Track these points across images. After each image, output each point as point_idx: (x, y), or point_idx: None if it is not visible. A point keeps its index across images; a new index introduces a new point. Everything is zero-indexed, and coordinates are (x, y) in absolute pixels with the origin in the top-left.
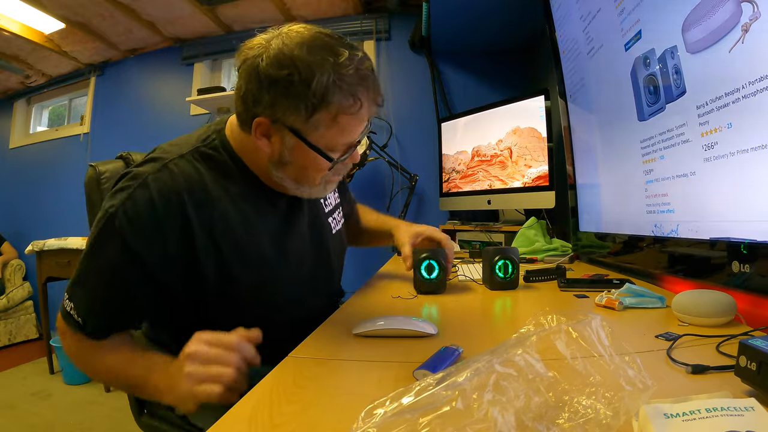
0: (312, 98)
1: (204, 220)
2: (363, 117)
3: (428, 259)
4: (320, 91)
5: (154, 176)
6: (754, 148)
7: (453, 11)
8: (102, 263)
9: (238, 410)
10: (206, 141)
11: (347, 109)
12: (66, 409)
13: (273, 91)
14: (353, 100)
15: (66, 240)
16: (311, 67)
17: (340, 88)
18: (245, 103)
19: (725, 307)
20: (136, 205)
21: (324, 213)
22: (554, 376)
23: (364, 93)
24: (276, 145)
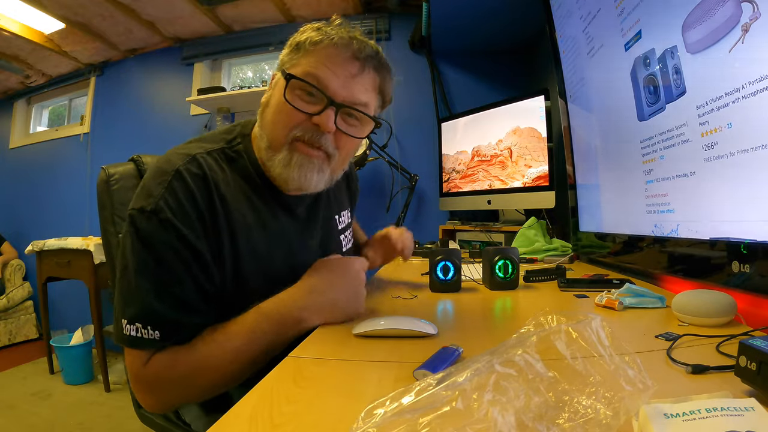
0: (297, 40)
1: (228, 215)
2: (337, 56)
3: (444, 261)
4: (306, 35)
5: (185, 167)
6: (754, 148)
7: (453, 11)
8: (161, 256)
9: (238, 410)
10: (231, 143)
11: (316, 43)
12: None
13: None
14: (322, 36)
15: (66, 240)
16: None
17: (317, 30)
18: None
19: (725, 307)
20: (177, 196)
21: (337, 230)
22: (554, 376)
23: (335, 33)
24: (269, 91)
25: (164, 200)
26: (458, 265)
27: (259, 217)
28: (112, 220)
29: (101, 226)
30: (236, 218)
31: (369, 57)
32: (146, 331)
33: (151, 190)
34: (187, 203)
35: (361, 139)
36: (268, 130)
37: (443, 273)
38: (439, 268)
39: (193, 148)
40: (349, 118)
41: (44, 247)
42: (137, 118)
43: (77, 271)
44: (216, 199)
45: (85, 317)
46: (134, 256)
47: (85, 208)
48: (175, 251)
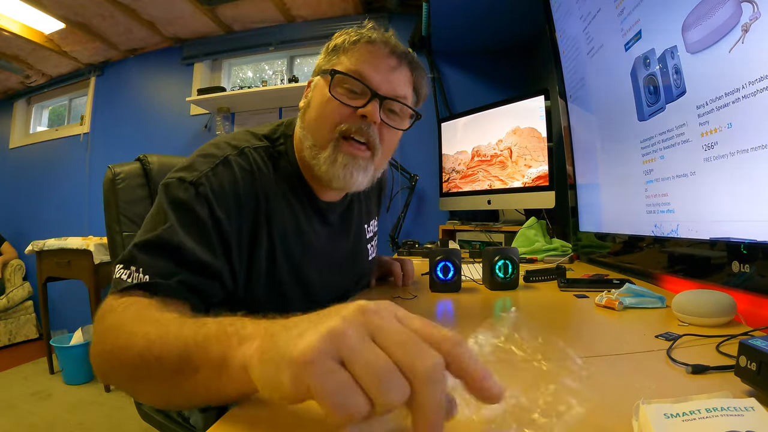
0: (335, 44)
1: (268, 210)
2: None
3: (444, 261)
4: (342, 38)
5: (235, 158)
6: (754, 148)
7: (453, 11)
8: (187, 220)
9: (238, 410)
10: (275, 143)
11: (354, 42)
12: (66, 409)
13: (320, 56)
14: (359, 36)
15: (66, 240)
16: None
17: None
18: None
19: (725, 307)
20: (221, 179)
21: (366, 239)
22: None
23: (371, 33)
24: (308, 95)
25: (207, 177)
26: (458, 265)
27: (296, 219)
28: (117, 218)
29: (106, 224)
30: (276, 216)
31: (404, 53)
32: (137, 275)
33: (195, 165)
34: (229, 189)
35: (403, 131)
36: (313, 128)
37: (443, 273)
38: (439, 268)
39: (242, 142)
40: (391, 113)
41: (44, 247)
42: (137, 118)
43: (77, 271)
44: (260, 195)
45: (85, 317)
46: (165, 209)
47: (85, 208)
48: (204, 222)
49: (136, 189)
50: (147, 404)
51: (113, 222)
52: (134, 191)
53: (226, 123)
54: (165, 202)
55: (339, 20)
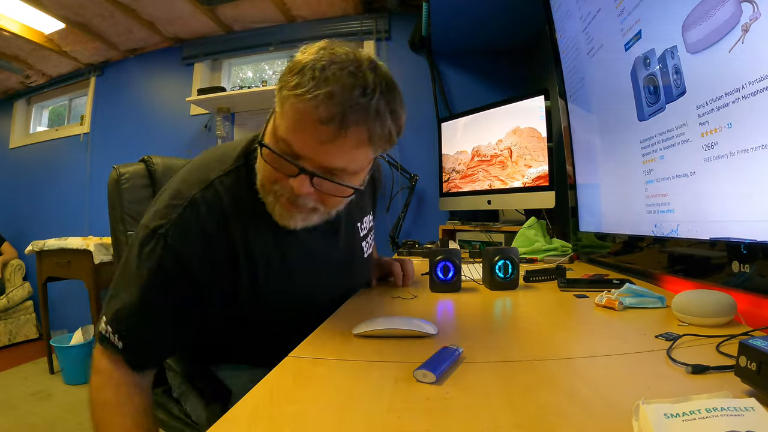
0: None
1: (246, 242)
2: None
3: (444, 261)
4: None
5: (202, 195)
6: (754, 148)
7: (453, 11)
8: (154, 278)
9: (238, 410)
10: (250, 156)
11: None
12: (66, 409)
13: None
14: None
15: (66, 240)
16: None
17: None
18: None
19: (725, 307)
20: (188, 224)
21: (359, 237)
22: None
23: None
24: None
25: (175, 226)
26: (458, 265)
27: (277, 239)
28: (122, 218)
29: (111, 223)
30: (254, 242)
31: (346, 115)
32: (116, 337)
33: (165, 212)
34: (197, 234)
35: (345, 197)
36: (259, 169)
37: (443, 273)
38: (439, 268)
39: (213, 168)
40: (325, 182)
41: (44, 247)
42: (137, 118)
43: (77, 271)
44: (232, 228)
45: (85, 317)
46: (134, 266)
47: (85, 208)
48: (170, 277)
49: (140, 189)
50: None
51: (117, 222)
52: (139, 191)
53: (226, 123)
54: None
55: (339, 20)
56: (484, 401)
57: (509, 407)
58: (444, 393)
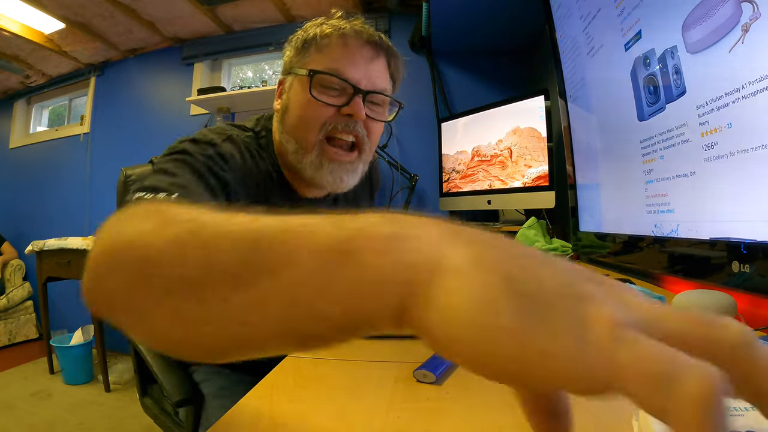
0: (304, 38)
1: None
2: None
3: None
4: (312, 31)
5: (224, 144)
6: (754, 148)
7: (453, 11)
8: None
9: (238, 410)
10: (258, 135)
11: (326, 37)
12: (66, 409)
13: (287, 51)
14: (332, 29)
15: (66, 240)
16: (309, 22)
17: (322, 25)
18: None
19: (725, 307)
20: (213, 156)
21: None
22: None
23: (342, 24)
24: (282, 97)
25: (219, 143)
26: None
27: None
28: None
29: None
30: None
31: (379, 42)
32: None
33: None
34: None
35: (386, 122)
36: (296, 132)
37: None
38: None
39: (227, 129)
40: (374, 105)
41: (44, 247)
42: (137, 118)
43: (77, 271)
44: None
45: (85, 317)
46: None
47: (85, 208)
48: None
49: None
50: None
51: None
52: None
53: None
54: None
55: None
56: (484, 401)
57: (509, 407)
58: (444, 393)
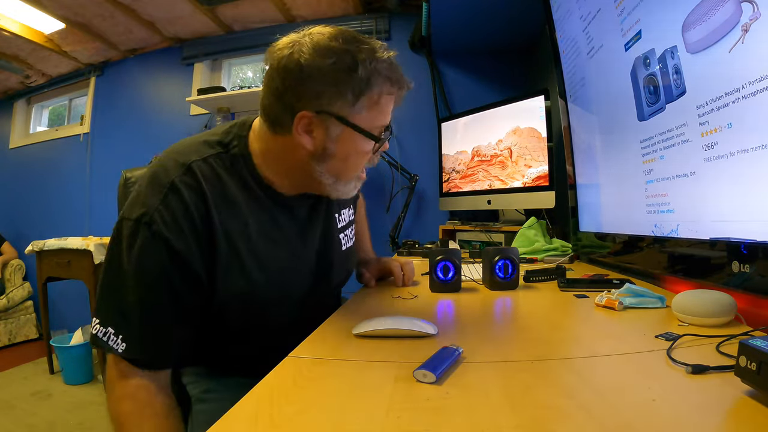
0: (357, 83)
1: (225, 224)
2: (396, 100)
3: (444, 261)
4: (365, 75)
5: (180, 179)
6: (754, 148)
7: (453, 11)
8: (147, 271)
9: (238, 410)
10: (228, 146)
11: (386, 92)
12: (66, 409)
13: (318, 81)
14: (390, 84)
15: (66, 240)
16: (352, 54)
17: (379, 72)
18: (284, 102)
19: (725, 307)
20: (173, 210)
21: (336, 228)
22: None
23: (397, 77)
24: (319, 138)
25: (159, 213)
26: (458, 265)
27: (258, 222)
28: None
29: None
30: (233, 227)
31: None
32: (116, 339)
33: (146, 200)
34: (182, 218)
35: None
36: (341, 174)
37: (443, 273)
38: (439, 268)
39: (190, 153)
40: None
41: (44, 247)
42: (137, 118)
43: (77, 271)
44: (213, 211)
45: (85, 317)
46: (120, 264)
47: (85, 208)
48: (163, 268)
49: None
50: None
51: None
52: None
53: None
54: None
55: (339, 20)
56: (484, 401)
57: (509, 407)
58: (444, 393)
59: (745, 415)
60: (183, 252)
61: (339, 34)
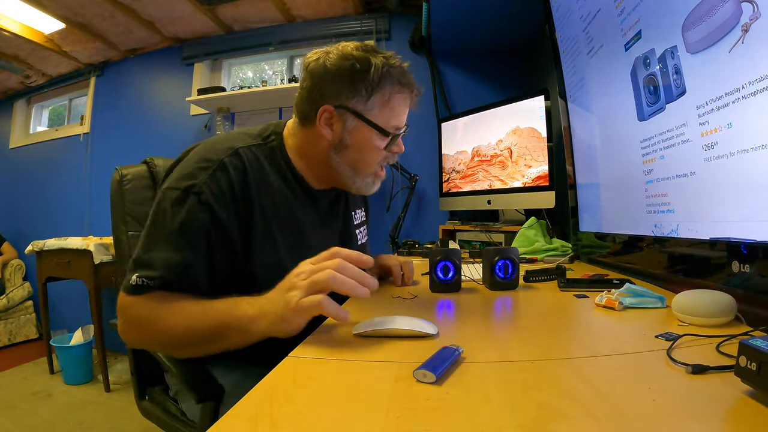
0: (370, 82)
1: (263, 203)
2: (407, 102)
3: (443, 261)
4: (376, 76)
5: (229, 159)
6: (754, 148)
7: (453, 11)
8: (189, 225)
9: (238, 410)
10: (267, 139)
11: (397, 92)
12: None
13: (338, 80)
14: (400, 86)
15: (66, 240)
16: (368, 58)
17: (390, 75)
18: (312, 98)
19: (725, 307)
20: (219, 184)
21: (353, 225)
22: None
23: (407, 81)
24: (338, 130)
25: (207, 185)
26: (458, 265)
27: (290, 206)
28: (124, 219)
29: (113, 224)
30: (270, 203)
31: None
32: (150, 275)
33: (195, 173)
34: (227, 191)
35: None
36: (357, 166)
37: (443, 273)
38: (439, 268)
39: (236, 141)
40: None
41: (44, 247)
42: (137, 118)
43: (77, 271)
44: (253, 191)
45: (85, 317)
46: (164, 224)
47: (85, 208)
48: (205, 230)
49: (142, 190)
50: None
51: (119, 221)
52: (141, 192)
53: (226, 123)
54: (171, 209)
55: (339, 20)
56: (484, 401)
57: (509, 407)
58: (444, 393)
59: (745, 415)
60: (225, 219)
61: (362, 46)
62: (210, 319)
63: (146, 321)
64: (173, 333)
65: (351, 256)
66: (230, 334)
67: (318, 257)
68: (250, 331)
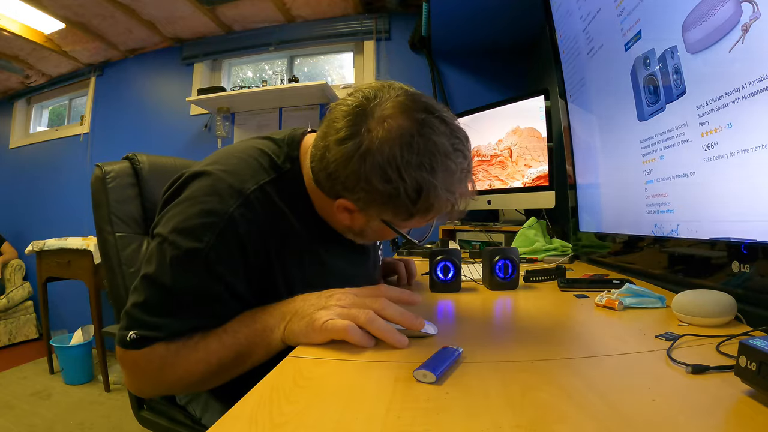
0: (414, 209)
1: (281, 253)
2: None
3: (444, 261)
4: (425, 206)
5: (240, 212)
6: (754, 148)
7: (453, 11)
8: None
9: (238, 410)
10: (279, 171)
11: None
12: (66, 409)
13: (372, 195)
14: (451, 205)
15: (66, 240)
16: (419, 184)
17: (440, 198)
18: (330, 179)
19: (725, 307)
20: (229, 247)
21: (376, 246)
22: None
23: (462, 206)
24: (358, 222)
25: (215, 251)
26: (458, 265)
27: (311, 245)
28: (109, 219)
29: (96, 225)
30: (289, 252)
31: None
32: (152, 327)
33: (198, 232)
34: (238, 254)
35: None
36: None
37: (443, 273)
38: (439, 268)
39: (245, 177)
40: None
41: (44, 247)
42: (137, 118)
43: (77, 271)
44: (270, 245)
45: (85, 317)
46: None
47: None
48: (215, 297)
49: (126, 188)
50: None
51: (104, 222)
52: (124, 191)
53: (226, 123)
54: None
55: (339, 20)
56: (484, 401)
57: (509, 407)
58: (444, 393)
59: (745, 415)
60: (237, 281)
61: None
62: (229, 347)
63: (158, 371)
64: (193, 373)
65: (396, 296)
66: (255, 351)
67: (362, 291)
68: (271, 343)
